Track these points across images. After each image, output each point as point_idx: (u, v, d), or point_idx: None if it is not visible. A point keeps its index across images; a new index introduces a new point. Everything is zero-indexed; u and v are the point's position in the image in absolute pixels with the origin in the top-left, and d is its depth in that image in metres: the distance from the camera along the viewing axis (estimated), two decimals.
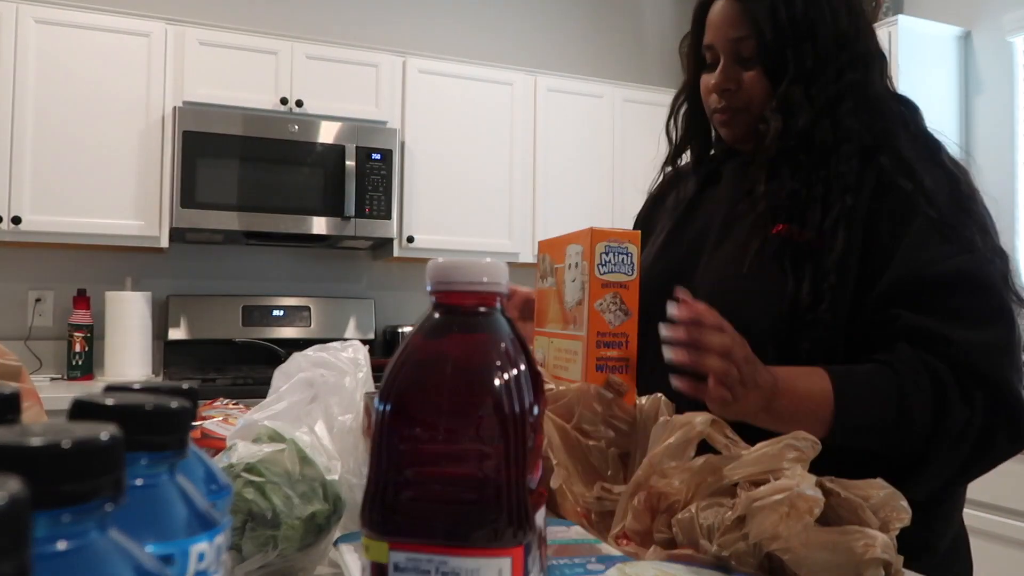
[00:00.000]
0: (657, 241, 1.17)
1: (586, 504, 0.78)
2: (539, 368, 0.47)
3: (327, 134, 3.01)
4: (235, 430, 0.73)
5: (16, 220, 2.69)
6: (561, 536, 0.72)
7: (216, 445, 0.78)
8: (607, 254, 0.93)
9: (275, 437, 0.69)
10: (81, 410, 0.32)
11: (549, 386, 0.83)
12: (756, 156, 1.04)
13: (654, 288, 1.04)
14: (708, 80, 1.07)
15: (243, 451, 0.66)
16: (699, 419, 0.72)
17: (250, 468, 0.64)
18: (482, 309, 0.46)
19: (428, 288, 0.46)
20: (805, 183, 0.98)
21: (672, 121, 1.23)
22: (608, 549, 0.70)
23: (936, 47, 3.09)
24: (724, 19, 1.03)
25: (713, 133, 1.18)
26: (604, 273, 0.93)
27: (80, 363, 2.86)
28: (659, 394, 0.82)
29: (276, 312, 3.25)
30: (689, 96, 1.16)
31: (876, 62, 1.03)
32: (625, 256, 0.94)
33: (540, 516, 0.45)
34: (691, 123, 1.19)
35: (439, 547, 0.41)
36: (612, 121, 3.61)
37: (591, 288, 0.93)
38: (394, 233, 3.13)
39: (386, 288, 3.51)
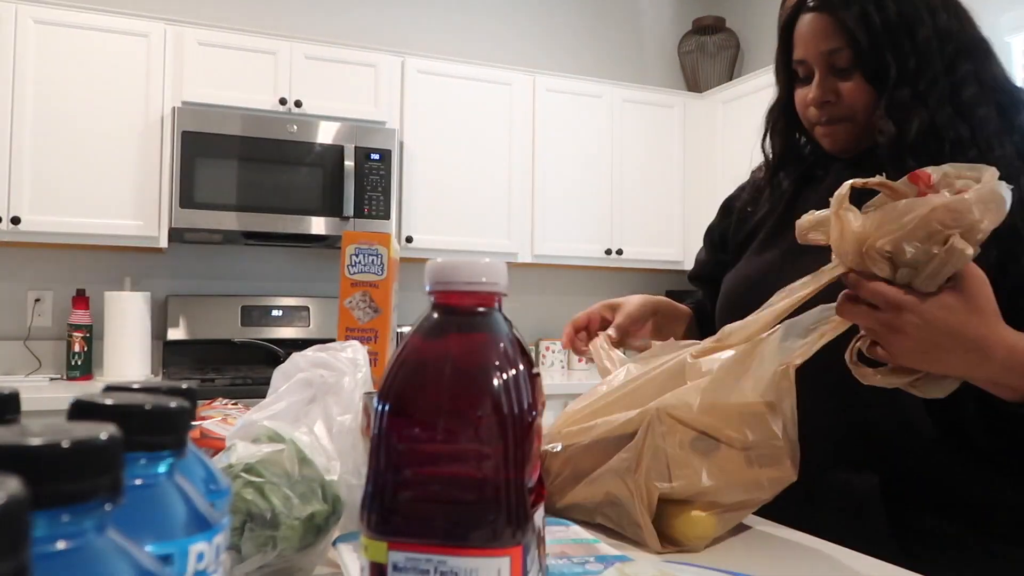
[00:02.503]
0: (753, 242, 1.13)
1: None
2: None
3: (326, 134, 3.01)
4: (234, 430, 0.73)
5: (15, 220, 2.69)
6: (560, 536, 0.72)
7: (215, 445, 0.78)
8: (356, 255, 1.02)
9: (274, 437, 0.69)
10: (80, 410, 0.32)
11: None
12: (878, 161, 0.95)
13: (747, 292, 1.03)
14: (804, 94, 1.03)
15: (242, 451, 0.66)
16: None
17: (249, 468, 0.64)
18: (481, 309, 0.46)
19: (427, 288, 0.46)
20: None
21: (768, 137, 1.17)
22: (607, 549, 0.70)
23: None
24: (815, 32, 0.99)
25: (806, 144, 1.14)
26: (354, 273, 1.02)
27: (79, 363, 2.86)
28: None
29: (275, 312, 3.24)
30: (784, 111, 1.11)
31: (987, 50, 0.98)
32: (375, 257, 1.03)
33: (539, 516, 0.45)
34: (788, 138, 1.14)
35: (438, 547, 0.41)
36: (611, 121, 3.61)
37: (341, 287, 1.03)
38: (393, 233, 3.13)
39: None
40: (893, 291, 0.74)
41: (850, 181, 0.78)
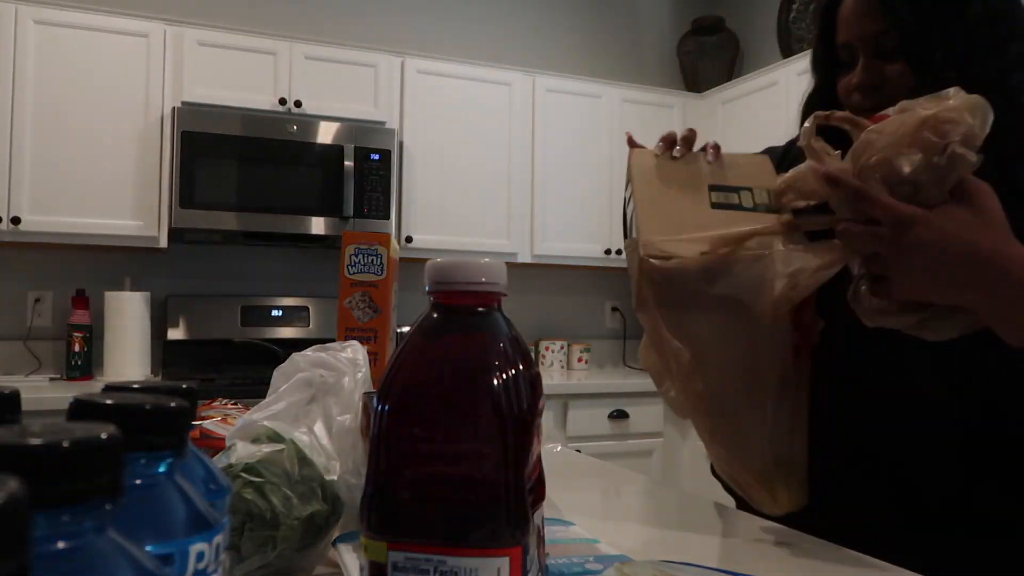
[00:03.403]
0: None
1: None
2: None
3: (326, 134, 3.01)
4: (234, 430, 0.73)
5: (15, 220, 2.69)
6: (560, 535, 0.72)
7: (215, 445, 0.78)
8: (356, 255, 1.02)
9: (274, 437, 0.69)
10: (80, 410, 0.32)
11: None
12: None
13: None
14: (848, 80, 0.98)
15: (242, 451, 0.66)
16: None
17: (249, 468, 0.64)
18: (480, 309, 0.46)
19: (427, 288, 0.46)
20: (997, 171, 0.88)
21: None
22: (606, 549, 0.70)
23: None
24: (859, 14, 0.95)
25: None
26: (354, 273, 1.02)
27: (79, 363, 2.86)
28: None
29: (275, 312, 3.24)
30: (824, 100, 1.05)
31: None
32: (375, 257, 1.03)
33: (539, 516, 0.46)
34: (828, 129, 1.11)
35: (437, 547, 0.41)
36: (610, 121, 3.61)
37: (341, 287, 1.03)
38: (392, 233, 3.13)
39: None
40: (900, 204, 0.70)
41: (815, 113, 0.76)
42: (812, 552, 0.79)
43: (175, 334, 3.09)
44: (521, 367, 0.44)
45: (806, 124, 0.78)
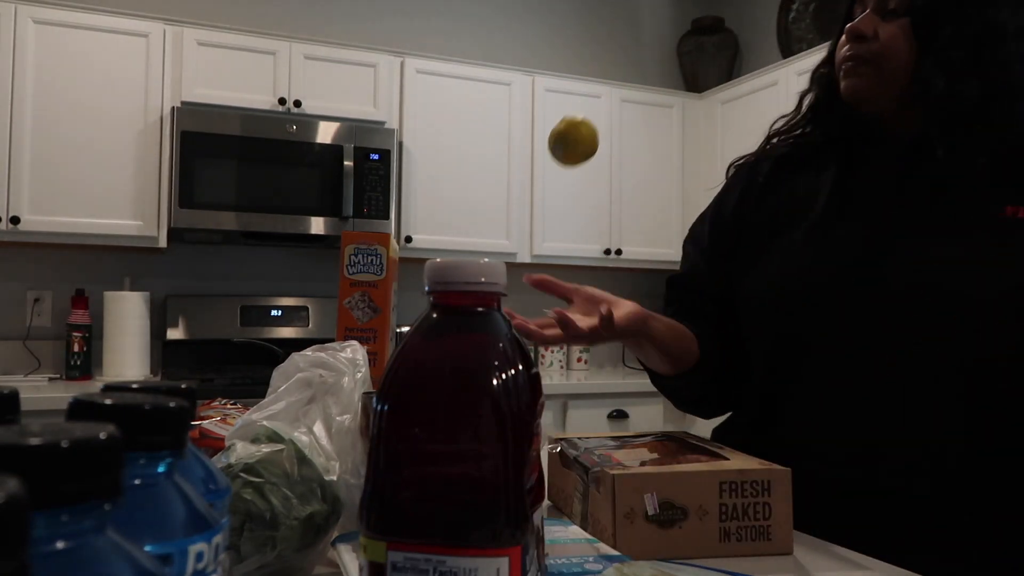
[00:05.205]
0: (803, 233, 1.03)
1: None
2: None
3: (325, 134, 3.01)
4: (233, 430, 0.73)
5: (15, 220, 2.69)
6: (559, 535, 0.72)
7: (214, 445, 0.78)
8: (356, 255, 1.03)
9: (273, 437, 0.69)
10: (79, 410, 0.32)
11: None
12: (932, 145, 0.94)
13: (835, 287, 0.97)
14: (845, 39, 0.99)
15: (241, 451, 0.66)
16: None
17: (248, 469, 0.64)
18: (480, 309, 0.46)
19: (426, 288, 0.46)
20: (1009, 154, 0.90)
21: (812, 87, 1.09)
22: (606, 549, 0.70)
23: None
24: None
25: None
26: (353, 273, 1.02)
27: (78, 363, 2.86)
28: None
29: (274, 312, 3.24)
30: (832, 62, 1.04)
31: None
32: (374, 257, 1.03)
33: (538, 516, 0.46)
34: (828, 90, 1.06)
35: (437, 547, 0.41)
36: (610, 121, 3.61)
37: (340, 287, 1.03)
38: (392, 233, 3.12)
39: None
40: None
41: None
42: (812, 552, 0.79)
43: (174, 334, 3.09)
44: (521, 367, 0.44)
45: None
